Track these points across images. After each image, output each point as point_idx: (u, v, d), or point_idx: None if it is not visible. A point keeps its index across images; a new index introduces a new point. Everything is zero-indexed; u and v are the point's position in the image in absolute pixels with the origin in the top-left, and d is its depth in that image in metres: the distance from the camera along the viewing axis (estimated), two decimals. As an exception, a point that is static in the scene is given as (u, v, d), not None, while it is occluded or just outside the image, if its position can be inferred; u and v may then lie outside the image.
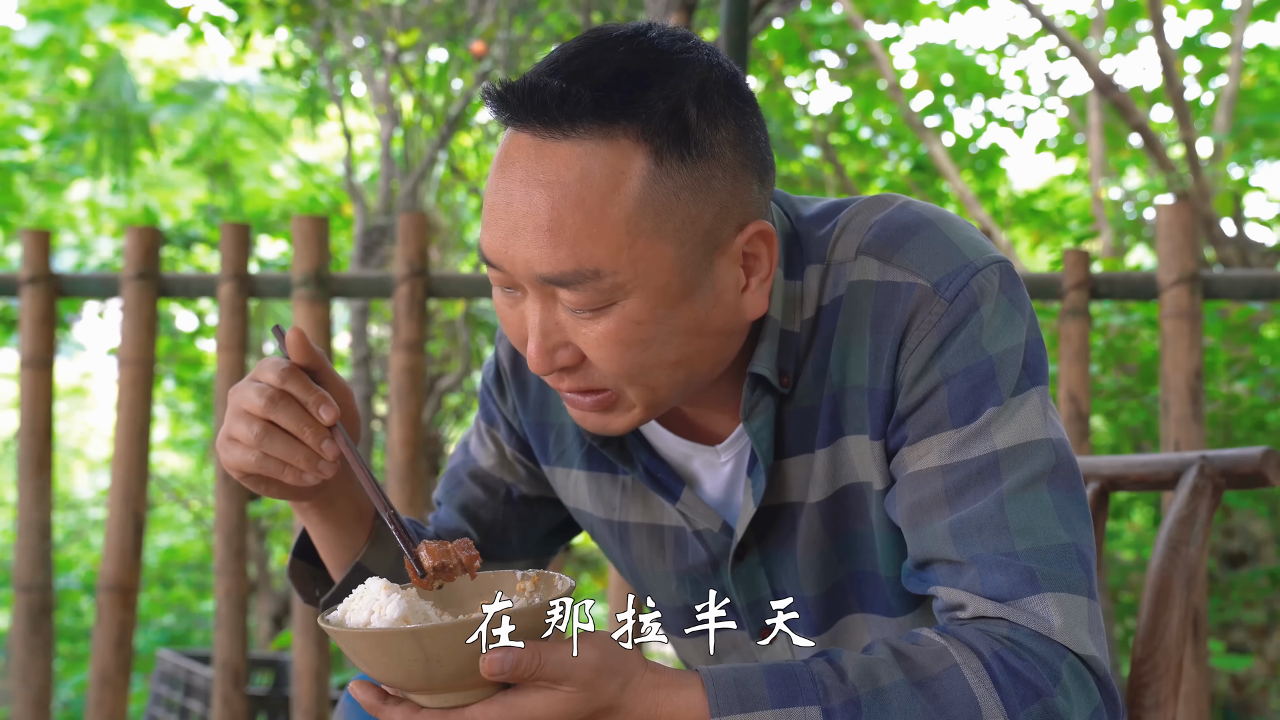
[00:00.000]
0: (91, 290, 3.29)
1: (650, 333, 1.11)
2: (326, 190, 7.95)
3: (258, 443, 1.14)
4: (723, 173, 1.11)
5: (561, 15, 5.61)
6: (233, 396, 1.16)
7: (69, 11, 7.48)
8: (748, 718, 1.04)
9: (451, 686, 1.00)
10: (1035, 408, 1.15)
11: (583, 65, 1.09)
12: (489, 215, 1.11)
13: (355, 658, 1.01)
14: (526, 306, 1.13)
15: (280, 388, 1.14)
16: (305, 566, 1.39)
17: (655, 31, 1.12)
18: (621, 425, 1.19)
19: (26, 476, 3.12)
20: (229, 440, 1.16)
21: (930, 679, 1.06)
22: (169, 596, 6.80)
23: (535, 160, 1.08)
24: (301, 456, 1.15)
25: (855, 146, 7.66)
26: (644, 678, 1.05)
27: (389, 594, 1.03)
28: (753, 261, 1.15)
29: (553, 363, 1.13)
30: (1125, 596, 4.15)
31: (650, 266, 1.09)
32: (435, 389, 5.59)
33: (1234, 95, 5.76)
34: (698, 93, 1.10)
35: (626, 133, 1.08)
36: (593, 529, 1.42)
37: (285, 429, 1.15)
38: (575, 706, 1.01)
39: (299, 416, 1.14)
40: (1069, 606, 1.09)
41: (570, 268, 1.08)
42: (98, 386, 10.09)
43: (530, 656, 0.99)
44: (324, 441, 1.15)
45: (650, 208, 1.08)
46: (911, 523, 1.16)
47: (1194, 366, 2.84)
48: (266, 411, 1.14)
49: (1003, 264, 1.17)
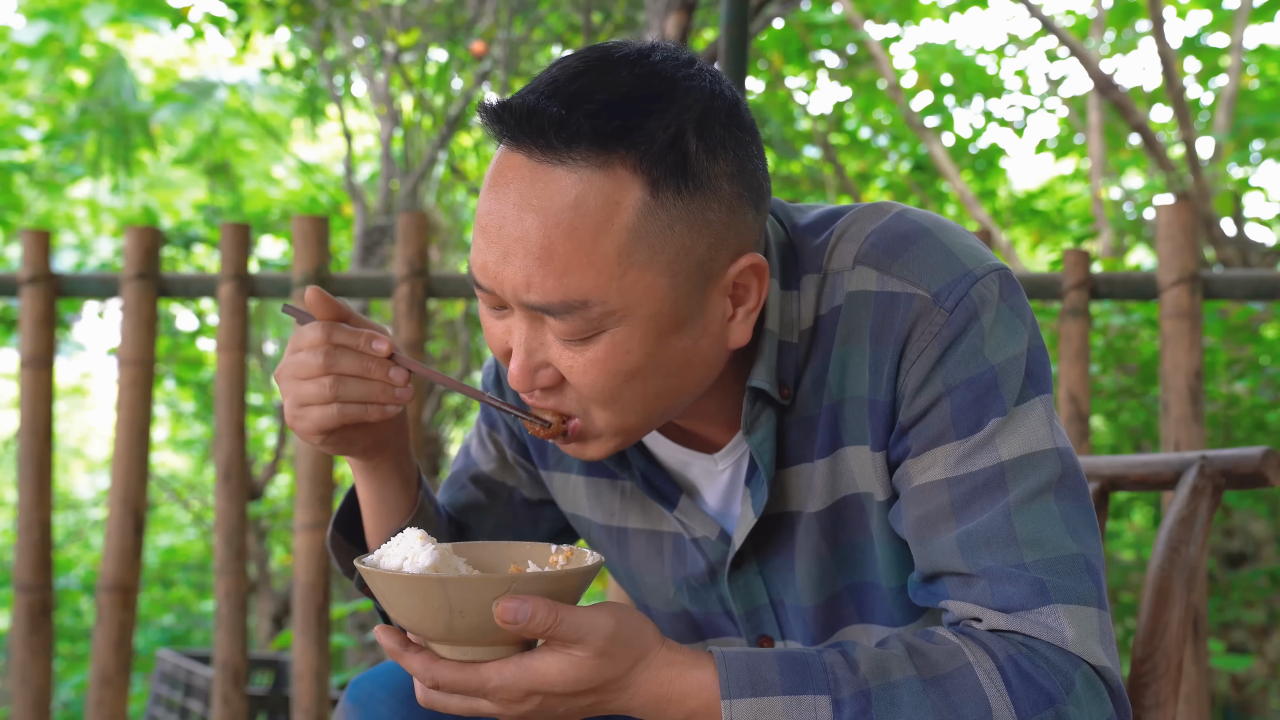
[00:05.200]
0: (91, 290, 3.28)
1: (638, 363, 1.10)
2: (326, 190, 7.95)
3: (334, 395, 1.15)
4: (719, 205, 1.10)
5: (562, 15, 5.61)
6: (284, 372, 1.17)
7: (67, 10, 7.48)
8: (758, 702, 1.04)
9: (472, 640, 1.03)
10: (1039, 417, 1.14)
11: (582, 89, 1.06)
12: (481, 236, 1.10)
13: (383, 600, 1.04)
14: (513, 323, 1.13)
15: (329, 342, 1.15)
16: (344, 542, 1.39)
17: (659, 55, 1.10)
18: (595, 453, 1.18)
19: (26, 476, 3.12)
20: (300, 409, 1.17)
21: (943, 676, 1.06)
22: (169, 596, 6.81)
23: (529, 184, 1.07)
24: (379, 389, 1.16)
25: (855, 146, 7.66)
26: (658, 654, 1.05)
27: (424, 544, 1.07)
28: (742, 292, 1.14)
29: (533, 382, 1.13)
30: (1125, 596, 4.15)
31: (641, 297, 1.08)
32: (435, 389, 5.59)
33: (1234, 95, 5.76)
34: (699, 122, 1.08)
35: (624, 162, 1.06)
36: (590, 534, 1.42)
37: (350, 374, 1.15)
38: (588, 673, 1.02)
39: (358, 358, 1.15)
40: (1080, 618, 1.09)
41: (558, 298, 1.07)
42: (98, 386, 10.09)
43: (546, 611, 1.00)
44: (391, 370, 1.16)
45: (644, 239, 1.06)
46: (918, 536, 1.15)
47: (1194, 366, 2.84)
48: (327, 366, 1.15)
49: (1002, 272, 1.16)
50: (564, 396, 1.14)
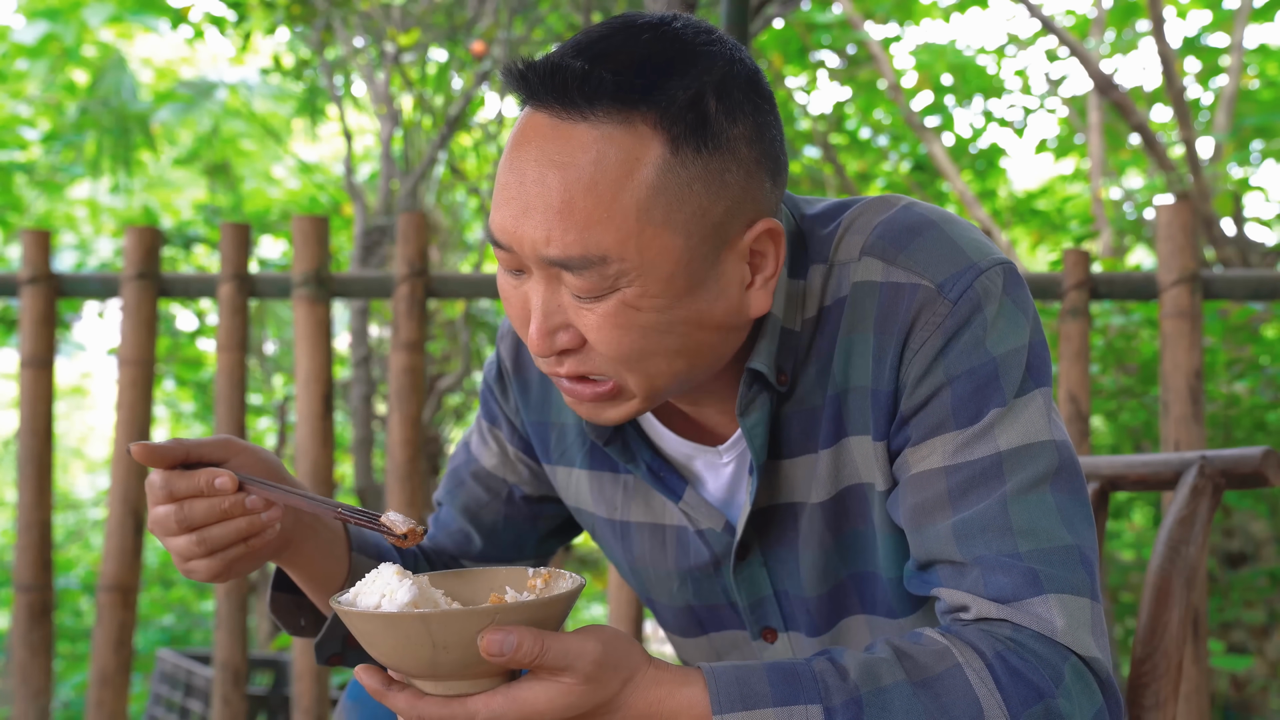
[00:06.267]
0: (91, 290, 3.28)
1: (651, 320, 1.10)
2: (326, 190, 7.96)
3: (206, 549, 1.16)
4: (737, 167, 1.10)
5: (562, 15, 5.61)
6: (155, 529, 1.17)
7: (67, 10, 7.48)
8: (750, 715, 1.03)
9: (456, 674, 1.01)
10: (1039, 409, 1.15)
11: (606, 49, 1.08)
12: (500, 194, 1.11)
13: (364, 640, 1.02)
14: (530, 288, 1.13)
15: (173, 499, 1.15)
16: (287, 598, 1.39)
17: (680, 22, 1.12)
18: (615, 416, 1.18)
19: (26, 476, 3.12)
20: (187, 566, 1.18)
21: (932, 678, 1.06)
22: (169, 596, 6.80)
23: (551, 140, 1.08)
24: (244, 524, 1.16)
25: (855, 146, 7.66)
26: (646, 673, 1.05)
27: (401, 579, 1.04)
28: (759, 259, 1.15)
29: (552, 345, 1.13)
30: (1125, 596, 4.15)
31: (657, 256, 1.08)
32: (435, 389, 5.59)
33: (1234, 95, 5.76)
34: (718, 85, 1.10)
35: (645, 119, 1.07)
36: (594, 528, 1.42)
37: (209, 523, 1.15)
38: (576, 699, 1.01)
39: (208, 504, 1.15)
40: (1072, 608, 1.09)
41: (578, 252, 1.07)
42: (98, 386, 10.10)
43: (532, 640, 0.99)
44: (247, 500, 1.16)
45: (662, 196, 1.07)
46: (914, 524, 1.16)
47: (1194, 366, 2.84)
48: (184, 524, 1.15)
49: (1006, 265, 1.17)
50: (588, 358, 1.14)
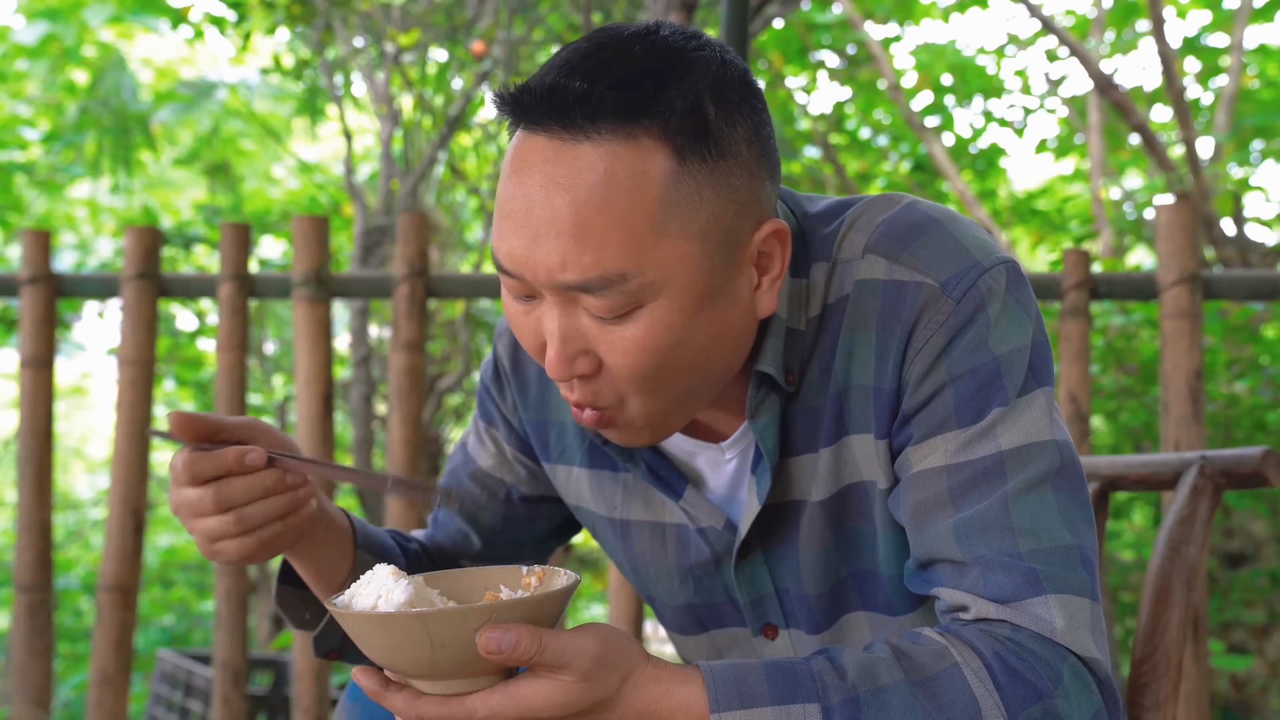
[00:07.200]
0: (91, 290, 3.28)
1: (677, 337, 1.09)
2: (326, 190, 7.95)
3: (243, 527, 1.15)
4: (740, 170, 1.10)
5: (561, 15, 5.61)
6: (180, 510, 1.15)
7: (67, 10, 7.49)
8: (747, 714, 1.03)
9: (454, 673, 1.01)
10: (1041, 409, 1.15)
11: (599, 65, 1.07)
12: (505, 223, 1.09)
13: (361, 641, 1.01)
14: (544, 313, 1.11)
15: (209, 477, 1.14)
16: (292, 591, 1.40)
17: (666, 30, 1.11)
18: (617, 438, 1.18)
19: (26, 476, 3.12)
20: (214, 545, 1.17)
21: (930, 678, 1.06)
22: (169, 596, 6.80)
23: (555, 163, 1.06)
24: (283, 501, 1.16)
25: (855, 146, 7.66)
26: (644, 672, 1.04)
27: (396, 579, 1.04)
28: (766, 260, 1.15)
29: (572, 370, 1.12)
30: (1125, 596, 4.15)
31: (676, 267, 1.07)
32: (435, 389, 5.59)
33: (1234, 95, 5.76)
34: (714, 90, 1.09)
35: (648, 132, 1.06)
36: (594, 526, 1.42)
37: (248, 501, 1.15)
38: (574, 697, 1.01)
39: (247, 483, 1.14)
40: (1072, 608, 1.09)
41: (596, 273, 1.06)
42: (98, 386, 10.09)
43: (530, 638, 0.98)
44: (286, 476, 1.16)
45: (674, 208, 1.07)
46: (915, 522, 1.15)
47: (1194, 366, 2.84)
48: (220, 502, 1.14)
49: (1009, 264, 1.17)
50: (599, 385, 1.13)
